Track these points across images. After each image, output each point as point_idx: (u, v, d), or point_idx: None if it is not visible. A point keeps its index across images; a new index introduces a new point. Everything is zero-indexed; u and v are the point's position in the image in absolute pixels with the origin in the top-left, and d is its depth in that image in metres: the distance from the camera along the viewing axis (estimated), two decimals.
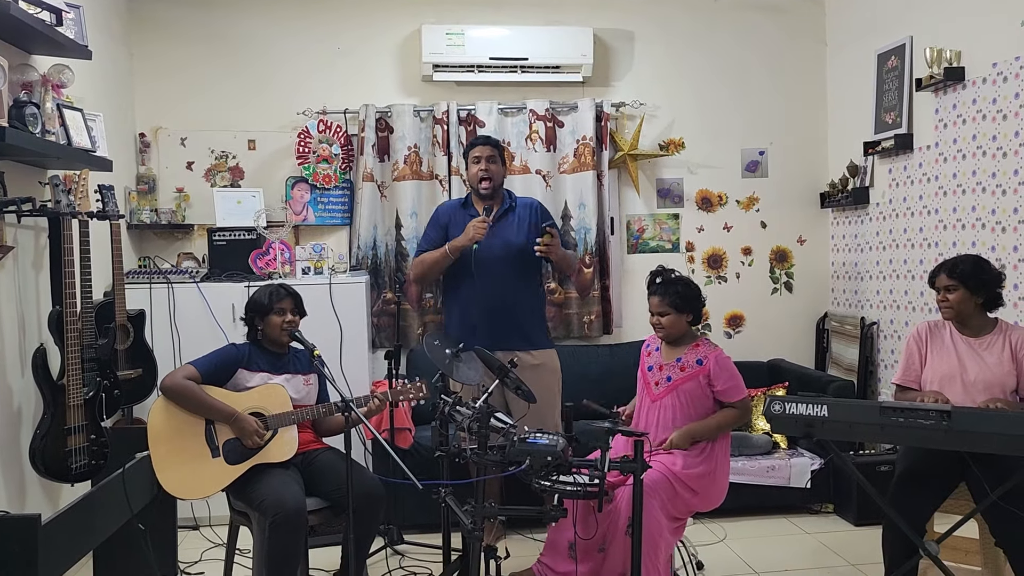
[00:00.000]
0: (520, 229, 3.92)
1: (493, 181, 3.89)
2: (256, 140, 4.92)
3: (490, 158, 3.89)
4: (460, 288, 3.94)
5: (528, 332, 3.91)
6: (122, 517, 3.15)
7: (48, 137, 3.14)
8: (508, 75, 4.98)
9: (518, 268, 3.90)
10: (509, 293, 3.86)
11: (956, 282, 3.05)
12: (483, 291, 3.84)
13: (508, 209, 3.97)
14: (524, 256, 3.89)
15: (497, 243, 3.86)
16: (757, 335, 5.31)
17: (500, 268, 3.85)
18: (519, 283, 3.90)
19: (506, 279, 3.85)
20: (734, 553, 3.88)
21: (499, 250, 3.85)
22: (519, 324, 3.88)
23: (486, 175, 3.88)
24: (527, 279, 3.97)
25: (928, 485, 2.98)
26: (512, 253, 3.87)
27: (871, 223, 4.91)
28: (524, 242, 3.89)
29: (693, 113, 5.23)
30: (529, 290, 3.97)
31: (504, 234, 3.89)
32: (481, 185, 3.89)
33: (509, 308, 3.85)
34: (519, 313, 3.89)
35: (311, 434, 3.40)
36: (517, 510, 3.58)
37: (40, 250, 3.51)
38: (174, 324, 4.24)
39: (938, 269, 3.12)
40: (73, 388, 3.10)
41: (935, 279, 3.13)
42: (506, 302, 3.84)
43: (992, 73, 3.90)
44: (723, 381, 3.28)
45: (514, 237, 3.90)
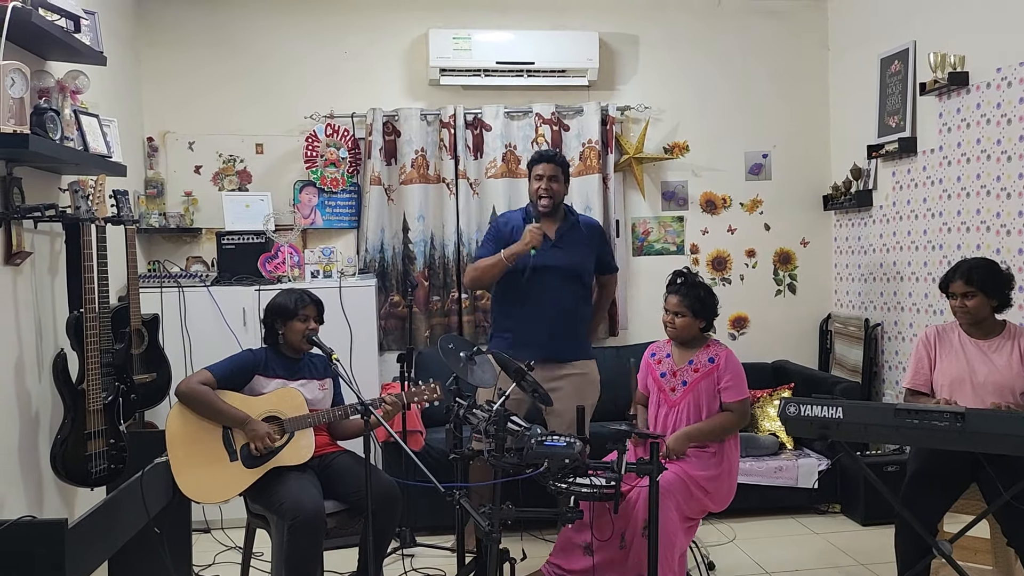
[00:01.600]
0: (582, 248, 3.90)
1: (554, 200, 3.85)
2: (264, 144, 4.94)
3: (552, 177, 3.82)
4: (512, 299, 3.89)
5: (573, 345, 3.92)
6: (140, 521, 3.17)
7: (66, 143, 3.15)
8: (514, 79, 5.01)
9: (574, 285, 3.90)
10: (562, 308, 3.84)
11: (974, 288, 3.07)
12: (535, 302, 3.81)
13: (572, 226, 3.93)
14: (581, 275, 3.92)
15: (561, 258, 3.83)
16: (761, 337, 5.35)
17: (561, 281, 3.83)
18: (572, 300, 3.90)
19: (561, 295, 3.84)
20: (744, 554, 3.92)
21: (563, 264, 3.83)
22: (564, 338, 3.87)
23: (547, 194, 3.83)
24: (580, 296, 3.96)
25: (940, 485, 3.02)
26: (571, 271, 3.86)
27: (874, 225, 4.96)
28: (583, 261, 3.90)
29: (697, 116, 5.27)
30: (581, 305, 3.97)
31: (566, 251, 3.86)
32: (540, 202, 3.84)
33: (559, 323, 3.84)
34: (567, 328, 3.88)
35: (327, 437, 3.43)
36: (532, 512, 3.61)
37: (56, 255, 3.52)
38: (185, 328, 4.26)
39: (952, 275, 3.13)
40: (93, 393, 3.12)
41: (949, 285, 3.13)
42: (557, 317, 3.83)
43: (996, 78, 3.95)
44: (727, 379, 3.33)
45: (574, 256, 3.87)
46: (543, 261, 3.80)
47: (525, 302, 3.86)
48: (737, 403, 3.33)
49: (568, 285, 3.88)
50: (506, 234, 3.93)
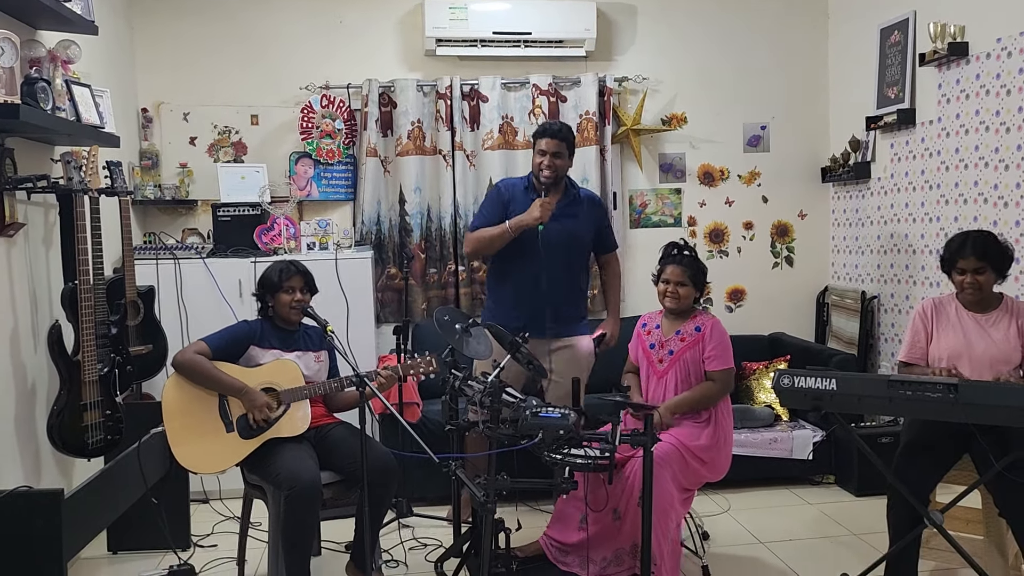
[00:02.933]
0: (582, 221, 3.88)
1: (557, 174, 3.80)
2: (259, 115, 4.91)
3: (556, 154, 3.75)
4: (517, 269, 3.84)
5: (569, 319, 3.91)
6: (138, 491, 3.20)
7: (58, 114, 3.13)
8: (511, 50, 4.97)
9: (573, 258, 3.88)
10: (558, 282, 3.81)
11: (985, 263, 3.01)
12: (533, 276, 3.77)
13: (573, 200, 3.90)
14: (580, 248, 3.91)
15: (562, 231, 3.80)
16: (758, 309, 5.36)
17: (562, 255, 3.79)
18: (571, 273, 3.88)
19: (559, 269, 3.80)
20: (738, 524, 3.95)
21: (564, 238, 3.80)
22: (563, 311, 3.86)
23: (550, 170, 3.76)
24: (578, 269, 3.95)
25: (932, 456, 3.03)
26: (570, 245, 3.84)
27: (872, 197, 4.95)
28: (583, 235, 3.88)
29: (695, 87, 5.23)
30: (579, 279, 3.95)
31: (570, 223, 3.83)
32: (543, 174, 3.77)
33: (556, 296, 3.81)
34: (565, 302, 3.87)
35: (323, 408, 3.44)
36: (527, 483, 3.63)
37: (50, 227, 3.51)
38: (181, 300, 4.26)
39: (960, 250, 3.04)
40: (88, 364, 3.13)
41: (957, 261, 3.05)
42: (555, 290, 3.80)
43: (996, 48, 3.92)
44: (712, 347, 3.34)
45: (574, 229, 3.85)
46: (543, 234, 3.75)
47: (521, 274, 3.83)
48: (720, 372, 3.33)
49: (565, 258, 3.86)
50: (506, 201, 3.87)
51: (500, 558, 3.40)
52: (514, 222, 3.73)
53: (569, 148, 3.82)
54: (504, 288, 3.93)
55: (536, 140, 3.83)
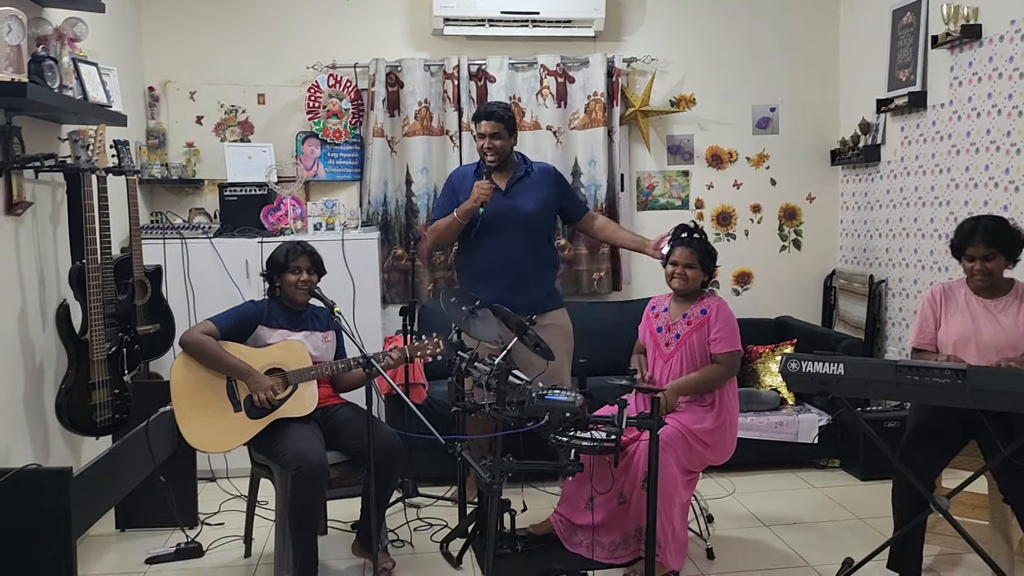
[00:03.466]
0: (535, 195, 3.87)
1: (499, 155, 3.82)
2: (266, 94, 4.89)
3: (494, 135, 3.77)
4: (473, 253, 3.91)
5: (539, 296, 3.89)
6: (146, 470, 3.23)
7: (65, 92, 3.13)
8: (519, 29, 4.93)
9: (531, 234, 3.86)
10: (522, 258, 3.82)
11: (995, 250, 2.98)
12: (495, 256, 3.81)
13: (523, 175, 3.90)
14: (537, 222, 3.88)
15: (511, 209, 3.81)
16: (765, 292, 5.34)
17: (513, 234, 3.80)
18: (532, 248, 3.86)
19: (519, 245, 3.81)
20: (743, 506, 3.96)
21: (514, 215, 3.81)
22: (531, 289, 3.85)
23: (491, 151, 3.79)
24: (540, 244, 3.92)
25: (938, 441, 3.03)
26: (526, 220, 3.83)
27: (882, 181, 4.92)
28: (537, 208, 3.86)
29: (704, 69, 5.19)
30: (542, 254, 3.93)
31: (518, 201, 3.84)
32: (487, 159, 3.82)
33: (521, 273, 3.82)
34: (531, 278, 3.86)
35: (329, 389, 3.44)
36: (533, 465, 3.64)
37: (57, 205, 3.51)
38: (188, 279, 4.26)
39: (969, 237, 3.01)
40: (96, 343, 3.13)
41: (967, 247, 3.03)
42: (519, 267, 3.81)
43: (1010, 31, 3.87)
44: (717, 329, 3.33)
45: (528, 203, 3.84)
46: (497, 213, 3.78)
47: (484, 256, 3.85)
48: (725, 355, 3.32)
49: (526, 235, 3.85)
50: (460, 191, 3.90)
51: (505, 538, 3.43)
52: (460, 209, 3.77)
53: (507, 127, 3.82)
54: (469, 271, 3.97)
55: (475, 125, 3.86)
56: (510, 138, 3.85)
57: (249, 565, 3.42)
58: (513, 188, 3.86)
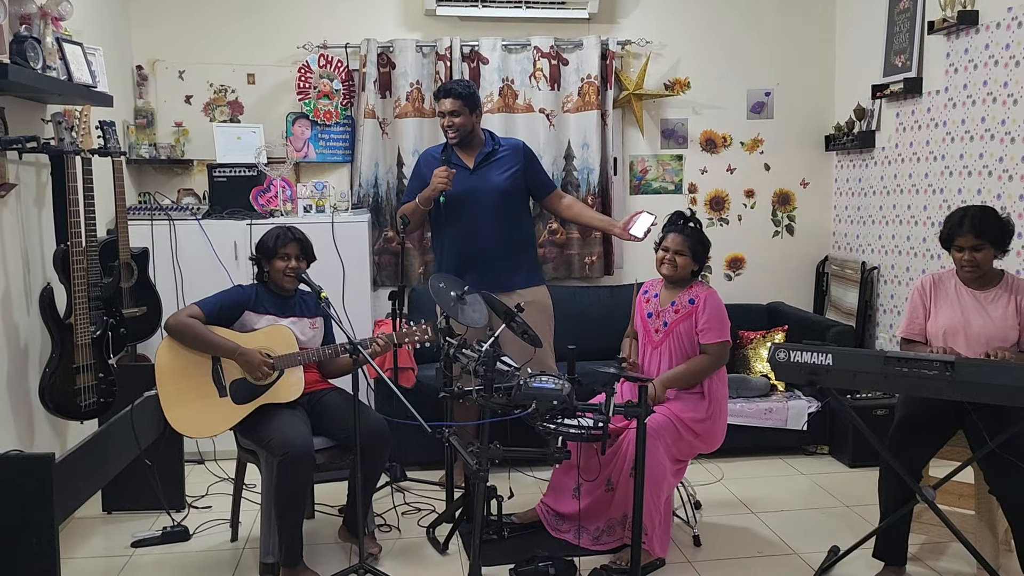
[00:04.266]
0: (502, 172, 3.87)
1: (460, 132, 3.82)
2: (256, 74, 4.84)
3: (453, 112, 3.78)
4: (444, 233, 3.93)
5: (513, 273, 3.89)
6: (131, 454, 3.21)
7: (49, 72, 3.08)
8: (512, 10, 4.88)
9: (501, 211, 3.86)
10: (492, 236, 3.83)
11: (984, 241, 2.97)
12: (465, 234, 3.84)
13: (490, 153, 3.90)
14: (507, 198, 3.87)
15: (479, 186, 3.82)
16: (757, 278, 5.33)
17: (483, 211, 3.81)
18: (503, 225, 3.86)
19: (488, 223, 3.82)
20: (731, 493, 3.96)
21: (483, 193, 3.82)
22: (503, 266, 3.86)
23: (451, 129, 3.81)
24: (511, 220, 3.92)
25: (926, 432, 3.02)
26: (494, 197, 3.83)
27: (876, 167, 4.89)
28: (505, 185, 3.86)
29: (699, 52, 5.14)
30: (514, 231, 3.92)
31: (486, 178, 3.85)
32: (448, 135, 3.84)
33: (492, 251, 3.83)
34: (503, 255, 3.87)
35: (316, 374, 3.43)
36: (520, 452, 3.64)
37: (42, 187, 3.47)
38: (176, 261, 4.23)
39: (958, 227, 2.99)
40: (80, 327, 3.11)
41: (955, 238, 3.01)
42: (489, 245, 3.83)
43: (1007, 18, 3.84)
44: (705, 319, 3.31)
45: (495, 180, 3.85)
46: (464, 191, 3.79)
47: (456, 235, 3.87)
48: (714, 345, 3.31)
49: (496, 211, 3.85)
50: (425, 172, 3.90)
51: (492, 525, 3.43)
52: (420, 196, 3.82)
53: (467, 104, 3.82)
54: (442, 251, 3.99)
55: (437, 102, 3.87)
56: (471, 115, 3.85)
57: (235, 549, 3.42)
58: (481, 166, 3.87)
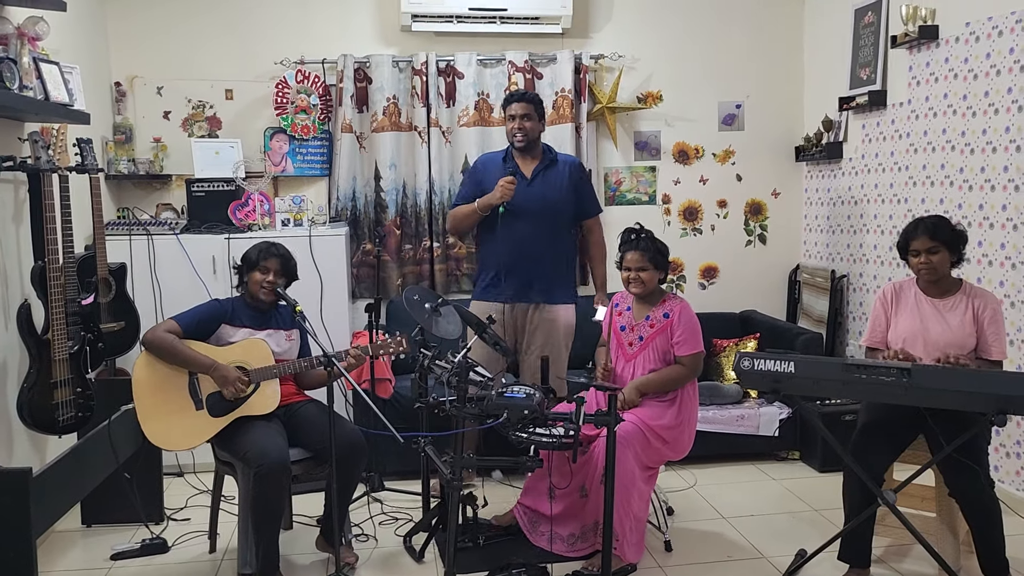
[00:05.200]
0: (558, 185, 3.97)
1: (528, 136, 3.93)
2: (233, 90, 4.89)
3: (524, 116, 3.91)
4: (493, 239, 4.01)
5: (551, 287, 4.00)
6: (109, 467, 3.25)
7: (26, 92, 3.12)
8: (487, 26, 4.96)
9: (552, 224, 3.97)
10: (539, 248, 3.94)
11: (938, 243, 3.06)
12: (513, 243, 3.92)
13: (549, 164, 4.01)
14: (558, 213, 3.98)
15: (535, 199, 3.92)
16: (731, 286, 5.42)
17: (535, 224, 3.92)
18: (551, 238, 3.98)
19: (538, 235, 3.93)
20: (703, 499, 4.04)
21: (536, 205, 3.91)
22: (543, 278, 3.98)
23: (521, 133, 3.92)
24: (560, 235, 4.03)
25: (888, 437, 3.10)
26: (547, 210, 3.94)
27: (844, 178, 5.00)
28: (558, 199, 3.96)
29: (671, 66, 5.24)
30: (560, 245, 4.04)
31: (543, 190, 3.95)
32: (516, 138, 3.94)
33: (537, 263, 3.94)
34: (546, 268, 3.98)
35: (293, 387, 3.48)
36: (494, 461, 3.70)
37: (20, 204, 3.51)
38: (155, 275, 4.27)
39: (912, 232, 3.10)
40: (58, 342, 3.15)
41: (911, 243, 3.11)
42: (535, 257, 3.93)
43: (965, 32, 3.95)
44: (680, 332, 3.39)
45: (552, 193, 3.96)
46: (518, 200, 3.88)
47: (503, 244, 3.94)
48: (688, 357, 3.39)
49: (544, 225, 3.95)
50: (480, 179, 4.02)
51: (467, 531, 3.49)
52: (481, 202, 3.91)
53: (537, 111, 3.97)
54: (488, 257, 4.07)
55: (506, 108, 3.99)
56: (540, 122, 3.98)
57: (214, 560, 3.46)
58: (537, 177, 3.97)
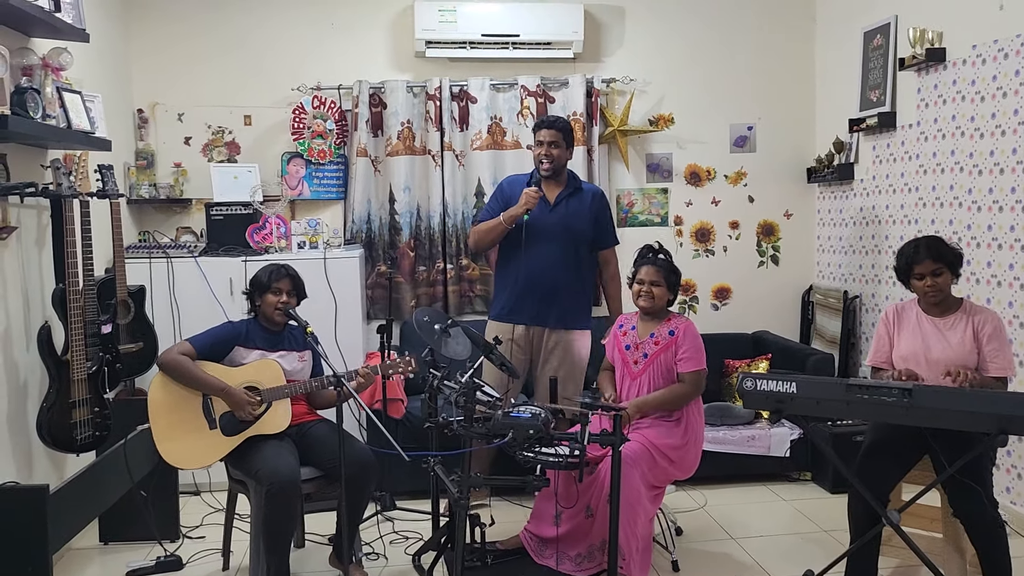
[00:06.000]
0: (580, 213, 4.00)
1: (554, 164, 3.96)
2: (252, 116, 5.01)
3: (552, 143, 3.94)
4: (511, 261, 4.03)
5: (567, 313, 4.02)
6: (124, 486, 3.32)
7: (48, 121, 3.24)
8: (500, 51, 5.04)
9: (569, 250, 3.99)
10: (557, 272, 3.96)
11: (942, 265, 3.08)
12: (533, 266, 3.95)
13: (573, 192, 4.04)
14: (577, 240, 4.00)
15: (559, 221, 3.95)
16: (743, 307, 5.43)
17: (554, 249, 3.94)
18: (570, 264, 3.99)
19: (558, 260, 3.95)
20: (712, 519, 4.04)
21: (557, 230, 3.95)
22: (561, 304, 3.99)
23: (547, 159, 3.95)
24: (579, 261, 4.04)
25: (893, 457, 3.11)
26: (567, 235, 3.97)
27: (855, 199, 5.01)
28: (579, 226, 3.98)
29: (683, 89, 5.29)
30: (579, 271, 4.04)
31: (565, 216, 3.98)
32: (542, 167, 3.97)
33: (555, 287, 3.96)
34: (564, 293, 3.99)
35: (305, 406, 3.54)
36: (501, 480, 3.73)
37: (43, 228, 3.62)
38: (173, 298, 4.37)
39: (914, 256, 3.11)
40: (77, 363, 3.24)
41: (914, 267, 3.12)
42: (553, 280, 3.95)
43: (972, 55, 3.97)
44: (683, 350, 3.42)
45: (574, 220, 3.98)
46: (539, 225, 3.92)
47: (521, 267, 3.98)
48: (691, 374, 3.42)
49: (565, 250, 3.98)
50: (507, 198, 4.05)
51: (475, 552, 3.52)
52: (506, 213, 3.93)
53: (566, 138, 4.00)
54: (506, 278, 4.09)
55: (535, 133, 4.02)
56: (567, 150, 4.02)
57: None
58: (560, 203, 4.00)
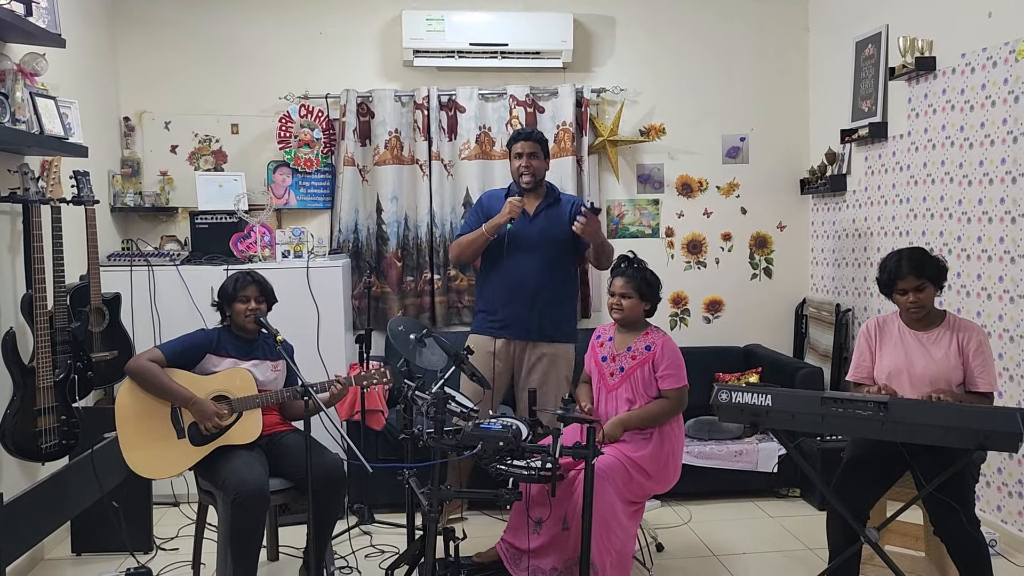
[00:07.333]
0: (560, 224, 3.94)
1: (535, 176, 3.92)
2: (239, 124, 4.99)
3: (532, 154, 3.89)
4: (493, 272, 3.98)
5: (550, 325, 3.95)
6: (92, 496, 3.27)
7: (19, 125, 3.21)
8: (488, 60, 5.01)
9: (551, 261, 3.93)
10: (539, 284, 3.90)
11: (925, 279, 3.01)
12: (514, 278, 3.90)
13: (553, 203, 4.00)
14: (558, 250, 3.94)
15: (541, 232, 3.91)
16: (736, 320, 5.36)
17: (535, 260, 3.89)
18: (550, 275, 3.93)
19: (539, 271, 3.90)
20: (696, 536, 3.96)
21: (539, 241, 3.90)
22: (543, 316, 3.93)
23: (527, 171, 3.90)
24: (561, 272, 3.99)
25: (873, 473, 3.03)
26: (547, 246, 3.91)
27: (848, 210, 4.94)
28: (559, 236, 3.92)
29: (674, 99, 5.25)
30: (561, 282, 3.99)
31: (546, 226, 3.93)
32: (522, 180, 3.92)
33: (536, 299, 3.90)
34: (546, 305, 3.93)
35: (277, 416, 3.49)
36: (473, 493, 3.67)
37: (16, 235, 3.60)
38: (154, 306, 4.33)
39: (896, 271, 3.04)
40: (43, 370, 3.20)
41: (896, 282, 3.05)
42: (535, 292, 3.89)
43: (961, 64, 3.91)
44: (664, 367, 3.34)
45: (551, 231, 3.93)
46: (520, 237, 3.87)
47: (502, 279, 3.93)
48: (674, 391, 3.34)
49: (546, 261, 3.93)
50: (486, 211, 4.01)
51: (449, 566, 3.45)
52: (489, 223, 3.88)
53: (543, 149, 3.96)
54: (487, 291, 4.04)
55: (511, 146, 3.97)
56: (545, 160, 3.98)
57: None
58: (540, 214, 3.96)
